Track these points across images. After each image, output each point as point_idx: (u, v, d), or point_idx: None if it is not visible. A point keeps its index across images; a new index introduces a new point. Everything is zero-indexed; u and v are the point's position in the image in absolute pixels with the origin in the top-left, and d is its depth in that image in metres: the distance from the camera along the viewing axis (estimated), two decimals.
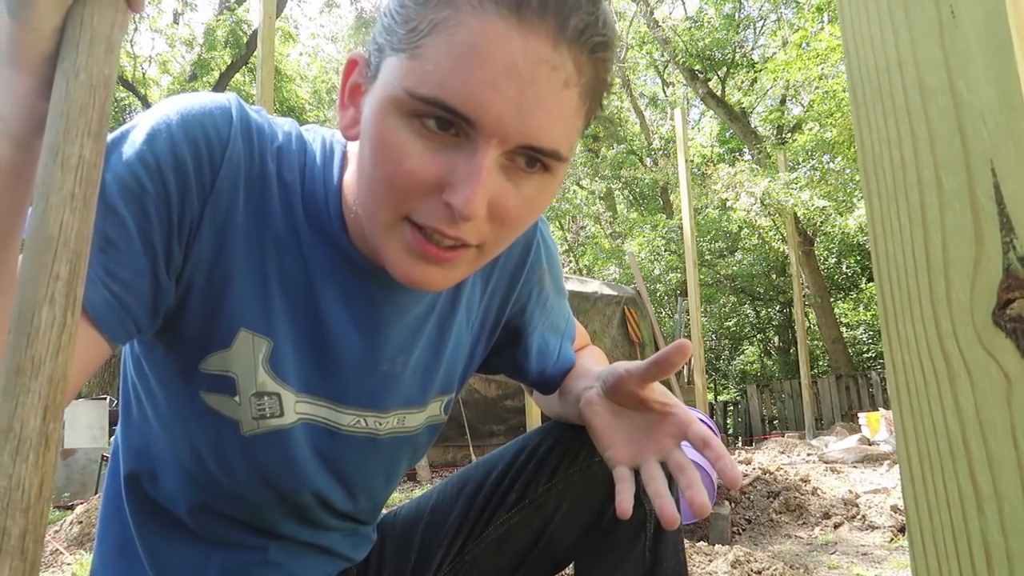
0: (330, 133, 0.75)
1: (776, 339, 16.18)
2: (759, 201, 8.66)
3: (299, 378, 0.74)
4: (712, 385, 16.15)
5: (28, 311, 0.40)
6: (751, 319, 16.37)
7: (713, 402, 13.27)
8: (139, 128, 0.63)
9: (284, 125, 0.73)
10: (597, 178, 15.08)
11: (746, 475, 3.54)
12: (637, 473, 0.79)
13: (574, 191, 15.56)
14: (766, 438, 8.21)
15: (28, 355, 0.39)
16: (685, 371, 8.74)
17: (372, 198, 0.61)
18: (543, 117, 0.57)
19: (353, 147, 0.73)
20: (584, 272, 14.44)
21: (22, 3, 0.45)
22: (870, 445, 5.26)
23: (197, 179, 0.64)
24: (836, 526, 3.16)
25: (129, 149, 0.62)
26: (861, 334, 14.86)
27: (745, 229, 12.44)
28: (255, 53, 7.91)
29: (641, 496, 0.88)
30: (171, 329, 0.69)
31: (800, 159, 10.17)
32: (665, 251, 12.84)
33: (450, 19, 0.55)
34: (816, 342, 14.00)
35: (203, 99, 0.66)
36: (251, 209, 0.68)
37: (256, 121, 0.69)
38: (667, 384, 7.78)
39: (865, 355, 14.47)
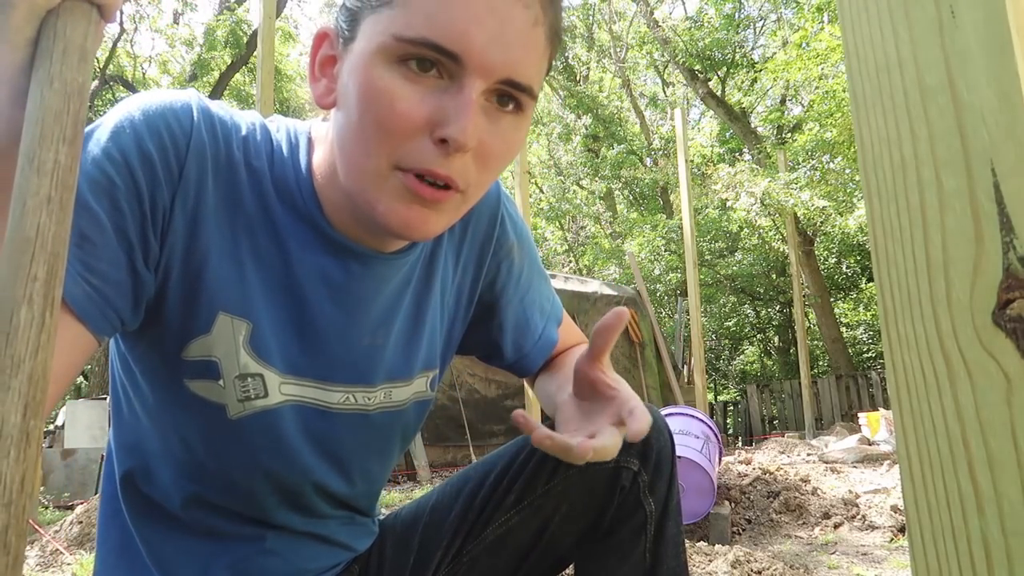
0: (293, 123, 0.78)
1: (776, 339, 16.18)
2: (759, 201, 8.66)
3: (283, 359, 0.75)
4: (712, 385, 16.15)
5: (7, 311, 0.41)
6: (751, 319, 16.37)
7: (713, 402, 13.27)
8: (103, 127, 0.65)
9: (247, 117, 0.75)
10: (597, 178, 15.09)
11: (746, 475, 3.54)
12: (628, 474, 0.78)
13: (574, 191, 15.57)
14: (766, 438, 8.22)
15: (8, 354, 0.41)
16: (685, 371, 8.74)
17: (362, 148, 0.64)
18: (520, 51, 0.63)
19: (318, 132, 0.76)
20: (584, 272, 14.45)
21: None
22: (870, 445, 5.26)
23: (164, 170, 0.66)
24: (836, 526, 3.16)
25: (95, 148, 0.64)
26: (861, 334, 14.86)
27: (745, 229, 12.43)
28: (255, 53, 7.91)
29: (641, 496, 0.88)
30: (153, 321, 0.70)
31: (800, 159, 10.16)
32: (665, 251, 12.83)
33: None
34: (816, 342, 13.99)
35: (164, 95, 0.69)
36: (221, 196, 0.70)
37: (218, 113, 0.72)
38: (667, 384, 7.79)
39: (865, 355, 14.47)
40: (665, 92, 17.26)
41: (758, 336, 16.89)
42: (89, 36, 0.48)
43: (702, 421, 3.49)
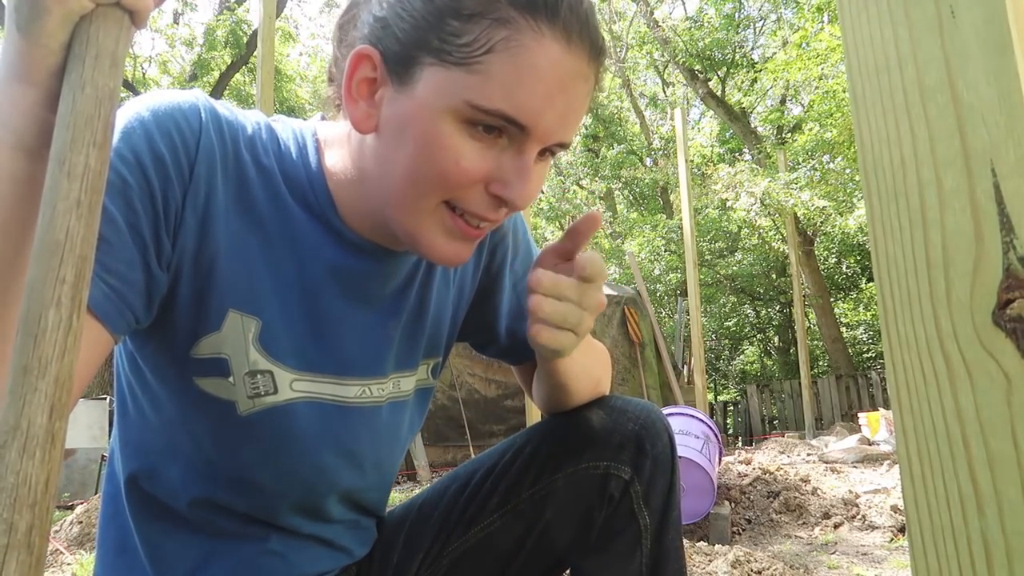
0: (297, 122, 0.79)
1: (776, 339, 16.18)
2: (759, 201, 8.65)
3: (296, 356, 0.76)
4: (712, 385, 16.14)
5: (36, 313, 0.42)
6: (751, 319, 16.37)
7: (713, 402, 13.27)
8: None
9: (251, 116, 0.76)
10: (597, 178, 15.09)
11: (746, 475, 3.54)
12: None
13: (574, 191, 15.56)
14: (766, 438, 8.21)
15: (35, 356, 0.41)
16: (685, 371, 8.74)
17: (415, 189, 0.67)
18: (575, 120, 0.68)
19: (325, 133, 0.77)
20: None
21: (31, 20, 0.47)
22: (870, 445, 5.26)
23: (176, 170, 0.67)
24: (836, 526, 3.16)
25: None
26: (861, 334, 14.86)
27: (745, 229, 12.44)
28: (255, 53, 7.90)
29: (635, 508, 0.86)
30: (163, 320, 0.71)
31: (800, 159, 10.16)
32: (665, 251, 12.83)
33: (511, 40, 0.62)
34: (816, 342, 13.99)
35: (171, 95, 0.69)
36: (230, 195, 0.71)
37: (224, 114, 0.73)
38: (667, 384, 7.78)
39: (865, 355, 14.47)
40: (665, 92, 17.25)
41: (758, 336, 16.89)
42: (120, 42, 0.49)
43: (702, 421, 3.49)
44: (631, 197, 16.68)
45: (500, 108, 0.63)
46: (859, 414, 6.42)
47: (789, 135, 12.99)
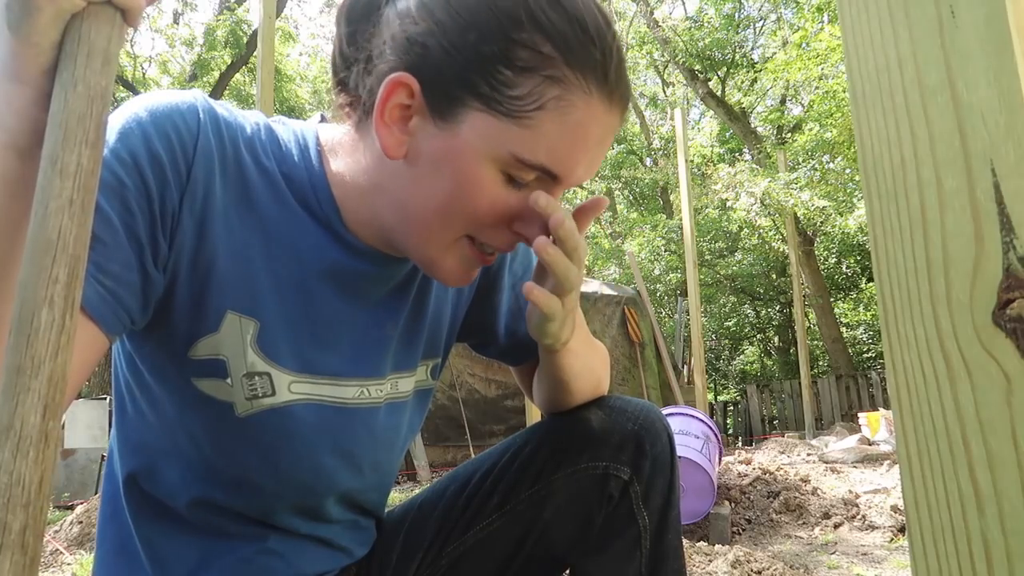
0: (299, 124, 0.78)
1: (776, 339, 16.18)
2: (759, 201, 8.65)
3: (295, 358, 0.76)
4: (712, 385, 16.14)
5: (28, 313, 0.42)
6: (751, 319, 16.37)
7: (713, 402, 13.27)
8: (110, 129, 0.65)
9: (251, 116, 0.76)
10: (597, 178, 15.08)
11: (746, 475, 3.54)
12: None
13: (574, 191, 15.56)
14: (766, 438, 8.21)
15: (28, 355, 0.41)
16: (685, 371, 8.74)
17: (441, 221, 0.69)
18: (597, 166, 0.72)
19: (327, 136, 0.76)
20: (584, 272, 14.42)
21: (22, 19, 0.47)
22: (870, 445, 5.26)
23: (173, 171, 0.66)
24: (836, 526, 3.16)
25: (104, 149, 0.63)
26: (861, 334, 14.86)
27: (745, 229, 12.43)
28: (255, 53, 7.90)
29: (635, 509, 0.86)
30: (161, 321, 0.71)
31: (800, 159, 10.17)
32: (665, 251, 12.84)
33: (562, 99, 0.65)
34: (816, 342, 13.99)
35: (169, 96, 0.69)
36: (230, 196, 0.71)
37: (222, 114, 0.72)
38: (667, 384, 7.79)
39: (865, 355, 14.47)
40: (665, 92, 17.26)
41: (758, 336, 16.89)
42: (112, 40, 0.48)
43: (702, 421, 3.50)
44: (631, 197, 16.69)
45: (542, 162, 0.66)
46: (859, 414, 6.42)
47: (789, 135, 13.00)
